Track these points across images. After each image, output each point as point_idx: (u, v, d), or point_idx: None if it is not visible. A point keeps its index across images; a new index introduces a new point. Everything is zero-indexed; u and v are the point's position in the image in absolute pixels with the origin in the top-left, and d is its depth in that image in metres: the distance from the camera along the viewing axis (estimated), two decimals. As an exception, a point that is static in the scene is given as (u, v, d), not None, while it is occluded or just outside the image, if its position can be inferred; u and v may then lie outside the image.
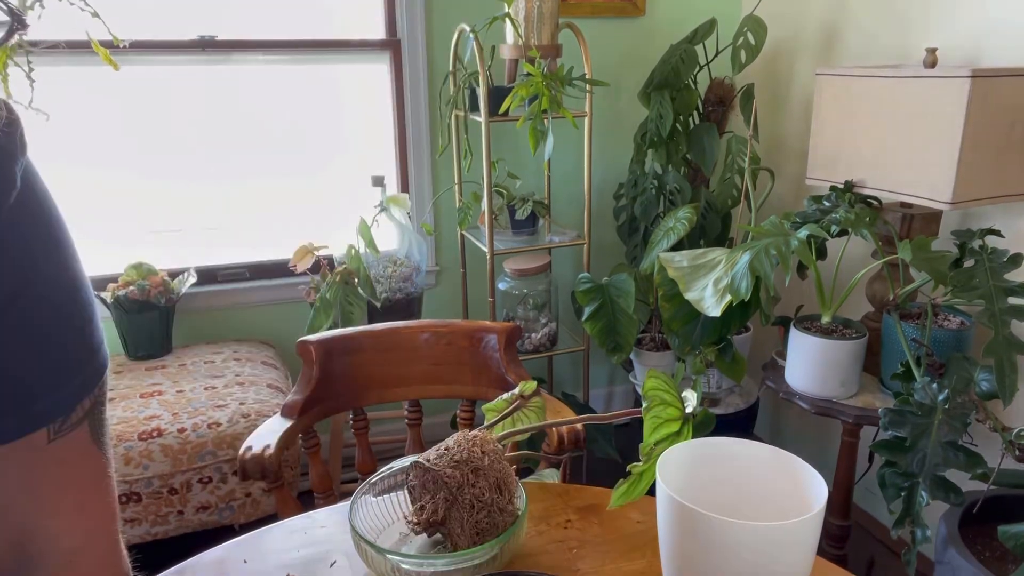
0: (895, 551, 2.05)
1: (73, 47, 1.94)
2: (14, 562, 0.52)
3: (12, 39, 0.50)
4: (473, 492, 0.74)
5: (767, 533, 0.60)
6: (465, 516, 0.74)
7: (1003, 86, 1.42)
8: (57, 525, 0.52)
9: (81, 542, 0.54)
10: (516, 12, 1.90)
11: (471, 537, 0.74)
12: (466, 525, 0.74)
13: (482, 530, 0.74)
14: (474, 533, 0.74)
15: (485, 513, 0.74)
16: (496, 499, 0.75)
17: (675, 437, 0.77)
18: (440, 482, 0.75)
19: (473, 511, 0.74)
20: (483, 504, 0.74)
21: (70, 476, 0.52)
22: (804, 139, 2.28)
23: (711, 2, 2.46)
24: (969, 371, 1.34)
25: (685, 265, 1.57)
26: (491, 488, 0.75)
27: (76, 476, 0.53)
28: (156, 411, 1.80)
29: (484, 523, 0.74)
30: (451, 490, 0.74)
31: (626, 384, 2.75)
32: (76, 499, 0.53)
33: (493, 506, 0.75)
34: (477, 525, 0.74)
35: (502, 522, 0.75)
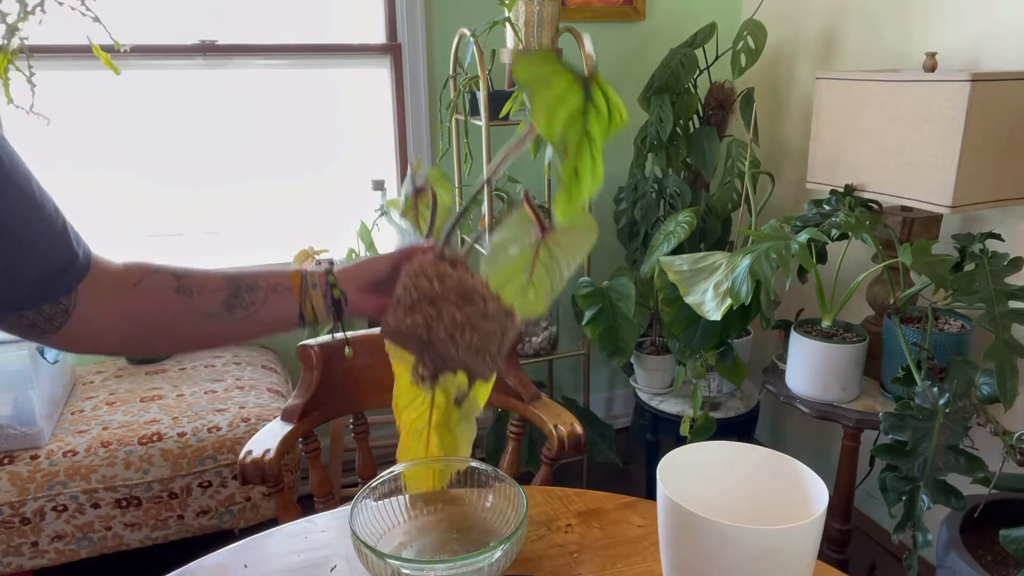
0: (896, 555, 2.05)
1: (74, 52, 1.94)
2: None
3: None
4: (443, 324, 0.69)
5: (768, 537, 0.60)
6: (453, 350, 0.70)
7: (1003, 90, 1.42)
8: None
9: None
10: (516, 16, 1.90)
11: (477, 362, 0.71)
12: (462, 356, 0.70)
13: (481, 348, 0.71)
14: (475, 355, 0.71)
15: (469, 333, 0.70)
16: (471, 311, 0.70)
17: (580, 117, 0.62)
18: (409, 336, 0.70)
19: (456, 341, 0.70)
20: (460, 326, 0.70)
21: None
22: (804, 143, 2.28)
23: (711, 6, 2.47)
24: (970, 375, 1.34)
25: (685, 269, 1.57)
26: (458, 307, 0.69)
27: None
28: (156, 415, 1.80)
29: (476, 342, 0.71)
30: (422, 338, 0.70)
31: (627, 388, 2.75)
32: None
33: (472, 321, 0.70)
34: (471, 348, 0.70)
35: (495, 328, 0.71)
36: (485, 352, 0.70)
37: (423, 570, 0.72)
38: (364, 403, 1.33)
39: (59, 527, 1.66)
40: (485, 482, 0.86)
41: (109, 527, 1.70)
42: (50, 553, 1.68)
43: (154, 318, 0.71)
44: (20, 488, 1.62)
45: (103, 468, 1.67)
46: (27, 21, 1.41)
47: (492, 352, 0.70)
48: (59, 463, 1.65)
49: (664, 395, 2.20)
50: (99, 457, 1.67)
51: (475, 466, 0.86)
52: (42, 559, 1.68)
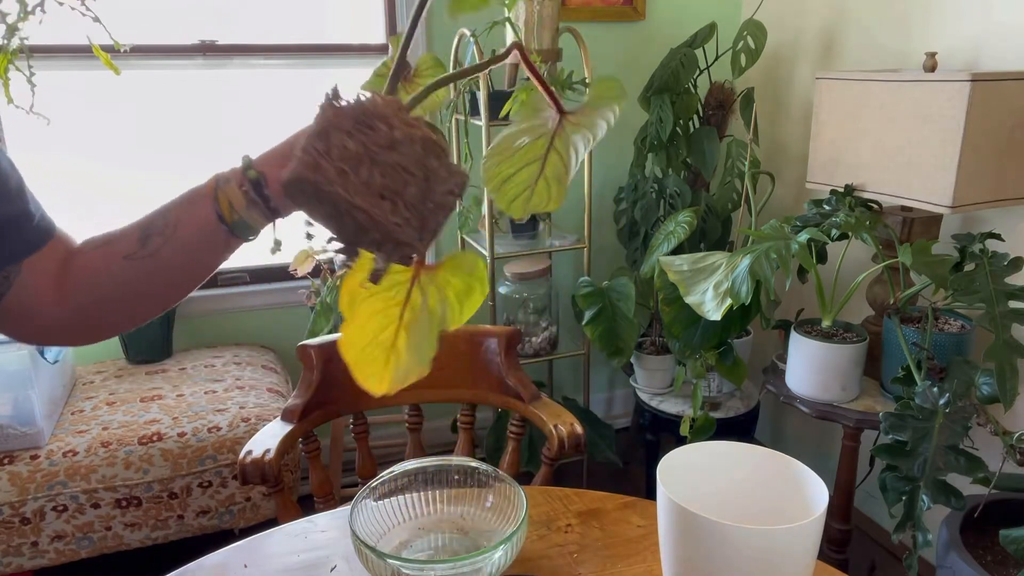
0: (896, 555, 2.05)
1: (74, 52, 1.94)
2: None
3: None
4: (369, 171, 0.52)
5: (768, 537, 0.60)
6: (377, 209, 0.52)
7: (1003, 90, 1.42)
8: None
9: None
10: (516, 16, 1.90)
11: (407, 230, 0.54)
12: (389, 218, 0.53)
13: (417, 210, 0.53)
14: (406, 220, 0.53)
15: (406, 187, 0.53)
16: (409, 159, 0.52)
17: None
18: (317, 183, 0.51)
19: (384, 195, 0.53)
20: (394, 177, 0.53)
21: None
22: (804, 143, 2.28)
23: (711, 6, 2.47)
24: (970, 375, 1.34)
25: (685, 269, 1.57)
26: (396, 151, 0.52)
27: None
28: (156, 415, 1.80)
29: (413, 198, 0.53)
30: (335, 187, 0.52)
31: (627, 388, 2.75)
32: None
33: (411, 172, 0.53)
34: (406, 207, 0.53)
35: (440, 188, 0.54)
36: (420, 218, 0.53)
37: (423, 570, 0.72)
38: (364, 403, 1.33)
39: (59, 527, 1.66)
40: (485, 482, 0.86)
41: (109, 527, 1.70)
42: (50, 553, 1.68)
43: (85, 287, 0.66)
44: (20, 488, 1.62)
45: (103, 468, 1.67)
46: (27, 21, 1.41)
47: (429, 221, 0.53)
48: (59, 463, 1.65)
49: (664, 395, 2.20)
50: (99, 457, 1.67)
51: (475, 466, 0.86)
52: (42, 559, 1.68)
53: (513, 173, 0.57)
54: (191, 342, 2.24)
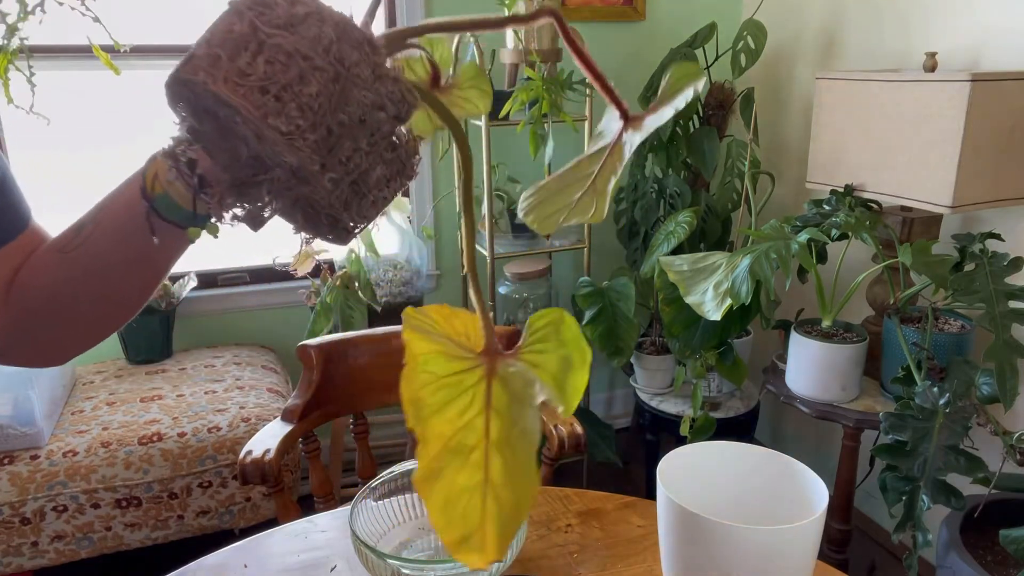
0: (896, 555, 2.05)
1: (74, 52, 1.94)
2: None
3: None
4: (306, 96, 0.37)
5: (768, 537, 0.60)
6: (314, 156, 0.37)
7: (1003, 90, 1.42)
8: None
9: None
10: (516, 16, 1.90)
11: (308, 139, 0.38)
12: (328, 175, 0.38)
13: (336, 128, 0.38)
14: (302, 130, 0.37)
15: (358, 136, 0.39)
16: (296, 43, 0.38)
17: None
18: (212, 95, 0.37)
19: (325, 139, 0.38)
20: (341, 114, 0.38)
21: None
22: (804, 143, 2.28)
23: (711, 6, 2.47)
24: (970, 375, 1.34)
25: (685, 269, 1.57)
26: (353, 86, 0.38)
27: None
28: (156, 415, 1.80)
29: (323, 110, 0.38)
30: (204, 101, 0.39)
31: (627, 388, 2.75)
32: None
33: (364, 119, 0.39)
34: (310, 112, 0.37)
35: (362, 95, 0.39)
36: (324, 132, 0.38)
37: (423, 570, 0.72)
38: (364, 403, 1.33)
39: (59, 527, 1.66)
40: (485, 482, 0.86)
41: (109, 527, 1.70)
42: (50, 553, 1.68)
43: (20, 293, 0.58)
44: (20, 488, 1.62)
45: (103, 468, 1.67)
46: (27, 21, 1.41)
47: (342, 142, 0.38)
48: (59, 463, 1.65)
49: (664, 395, 2.20)
50: (99, 457, 1.67)
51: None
52: (42, 559, 1.68)
53: (555, 192, 0.43)
54: (191, 342, 2.24)
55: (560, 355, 0.42)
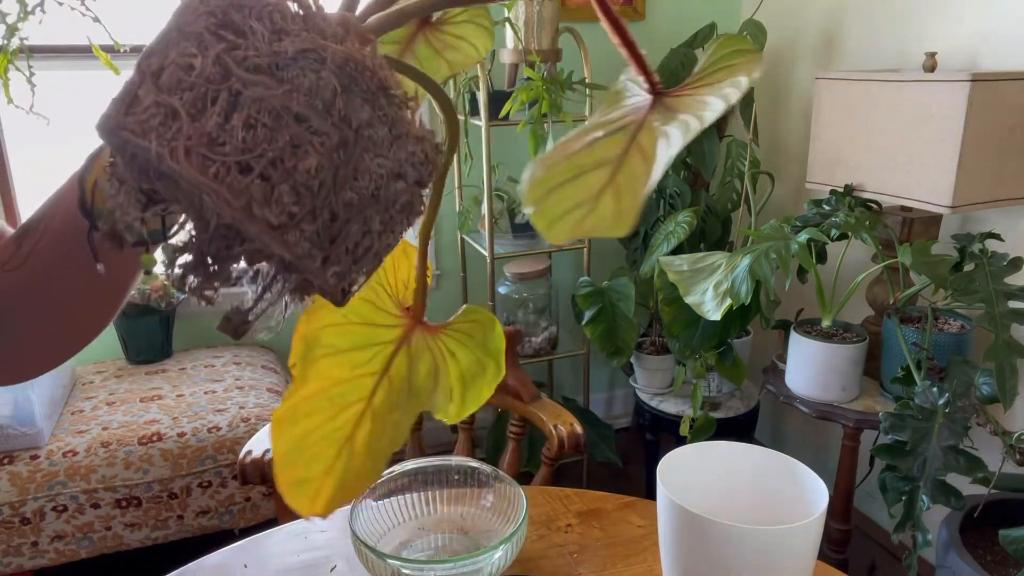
0: (896, 555, 2.05)
1: (74, 52, 1.94)
2: None
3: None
4: (268, 130, 0.27)
5: (768, 537, 0.60)
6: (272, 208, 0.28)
7: (1003, 90, 1.42)
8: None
9: None
10: (516, 17, 1.90)
11: (305, 230, 0.28)
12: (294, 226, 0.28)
13: (340, 209, 0.29)
14: (297, 219, 0.28)
15: (335, 169, 0.28)
16: (284, 98, 0.28)
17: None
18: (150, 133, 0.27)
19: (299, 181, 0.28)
20: (314, 147, 0.28)
21: None
22: (804, 143, 2.28)
23: (711, 6, 2.47)
24: (969, 375, 1.34)
25: (685, 269, 1.57)
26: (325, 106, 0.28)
27: None
28: (156, 415, 1.80)
29: (325, 189, 0.28)
30: (159, 174, 0.28)
31: (627, 388, 2.75)
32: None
33: (297, 131, 0.28)
34: (309, 195, 0.28)
35: (377, 163, 0.30)
36: (327, 216, 0.29)
37: (423, 570, 0.72)
38: (364, 403, 1.33)
39: (59, 527, 1.66)
40: (485, 482, 0.86)
41: (109, 527, 1.70)
42: (50, 553, 1.68)
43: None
44: (20, 488, 1.62)
45: (103, 468, 1.67)
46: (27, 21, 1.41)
47: (348, 227, 0.29)
48: (59, 463, 1.65)
49: (664, 395, 2.20)
50: (99, 457, 1.67)
51: (475, 466, 0.86)
52: (42, 559, 1.68)
53: (568, 179, 0.34)
54: (191, 342, 2.24)
55: (476, 357, 0.39)
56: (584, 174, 0.34)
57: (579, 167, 0.35)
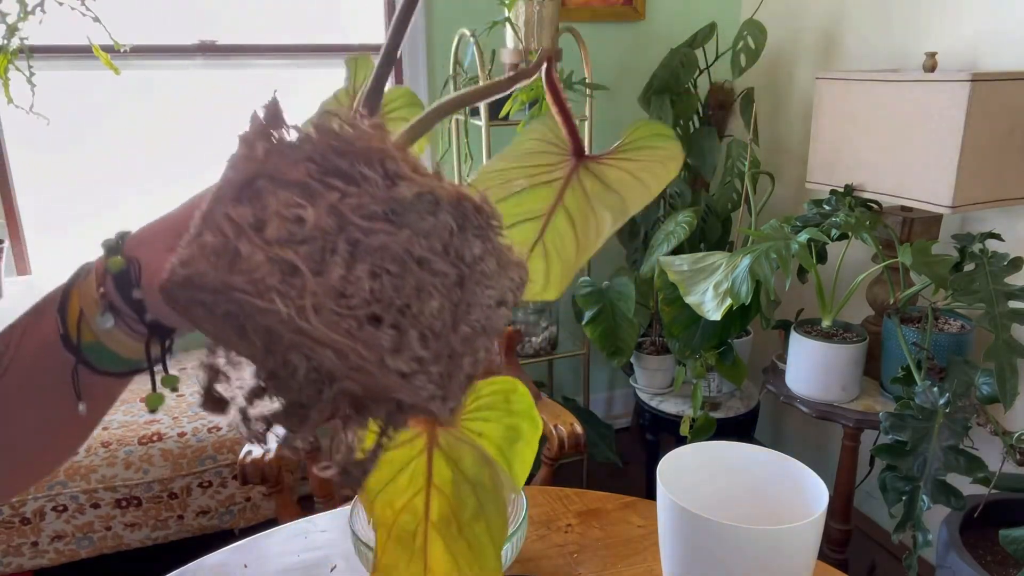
0: (896, 555, 2.05)
1: (74, 52, 1.94)
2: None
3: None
4: (358, 272, 0.26)
5: (768, 537, 0.60)
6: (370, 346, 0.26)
7: (1003, 90, 1.42)
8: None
9: None
10: (516, 17, 1.90)
11: (431, 371, 0.28)
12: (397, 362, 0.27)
13: (458, 345, 0.29)
14: (425, 363, 0.27)
15: (434, 299, 0.28)
16: (408, 243, 0.27)
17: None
18: (235, 293, 0.26)
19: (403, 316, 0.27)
20: (409, 282, 0.27)
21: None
22: (804, 143, 2.28)
23: (711, 6, 2.47)
24: (970, 375, 1.34)
25: (685, 269, 1.57)
26: (404, 229, 0.28)
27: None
28: (156, 415, 1.80)
29: (447, 329, 0.28)
30: (274, 333, 0.26)
31: (627, 388, 2.75)
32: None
33: (422, 277, 0.27)
34: (434, 339, 0.28)
35: (485, 295, 0.29)
36: (448, 356, 0.28)
37: (423, 570, 0.71)
38: (364, 403, 1.33)
39: (59, 527, 1.66)
40: (485, 482, 0.86)
41: (109, 527, 1.70)
42: (50, 553, 1.68)
43: None
44: (20, 488, 1.62)
45: (103, 468, 1.67)
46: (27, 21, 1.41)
47: (462, 361, 0.29)
48: (59, 463, 1.65)
49: (664, 395, 2.20)
50: (99, 457, 1.67)
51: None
52: (42, 559, 1.68)
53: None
54: (191, 342, 2.24)
55: (506, 424, 0.37)
56: (512, 227, 0.35)
57: (506, 217, 0.34)
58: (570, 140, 0.37)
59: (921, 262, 1.40)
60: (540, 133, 0.39)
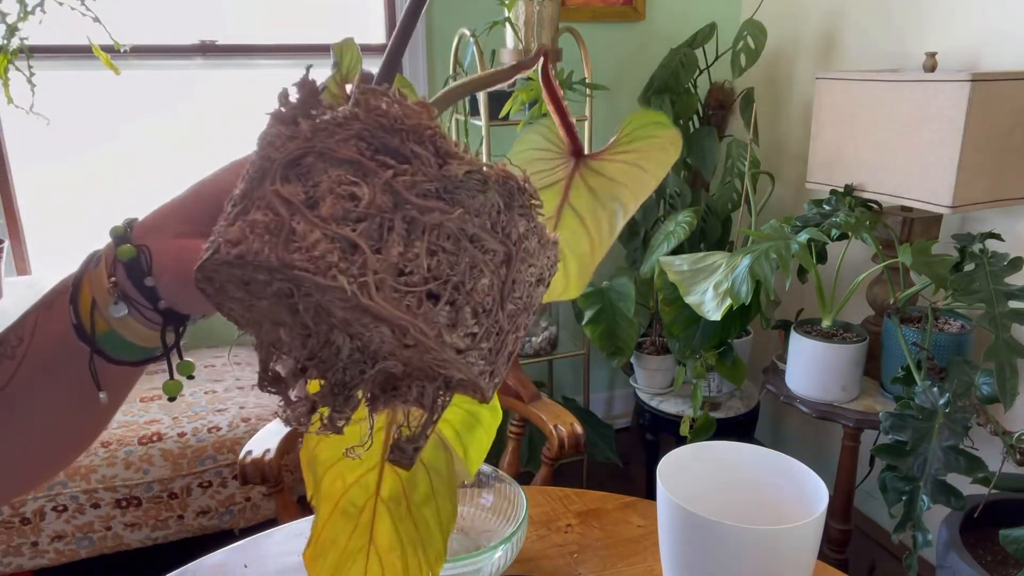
0: (896, 555, 2.05)
1: (74, 52, 1.94)
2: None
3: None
4: (394, 250, 0.27)
5: (768, 537, 0.60)
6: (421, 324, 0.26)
7: (1003, 89, 1.42)
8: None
9: None
10: (516, 16, 1.90)
11: (482, 347, 0.28)
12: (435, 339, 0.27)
13: (505, 322, 0.29)
14: (478, 339, 0.28)
15: (479, 277, 0.28)
16: (461, 222, 0.28)
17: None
18: (266, 277, 0.26)
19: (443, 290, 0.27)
20: (454, 259, 0.27)
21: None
22: (804, 143, 2.28)
23: (711, 6, 2.47)
24: (970, 375, 1.34)
25: (685, 269, 1.57)
26: (443, 210, 0.27)
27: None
28: (156, 415, 1.80)
29: (496, 305, 0.28)
30: (333, 311, 0.27)
31: (627, 388, 2.75)
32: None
33: (474, 254, 0.28)
34: (485, 316, 0.28)
35: (527, 271, 0.30)
36: (496, 332, 0.29)
37: (423, 570, 0.71)
38: (364, 403, 1.33)
39: (59, 527, 1.66)
40: (485, 482, 0.86)
41: (109, 527, 1.70)
42: (50, 553, 1.68)
43: None
44: (20, 488, 1.62)
45: (103, 468, 1.67)
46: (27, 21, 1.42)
47: (508, 338, 0.29)
48: (59, 463, 1.65)
49: (664, 395, 2.20)
50: (99, 457, 1.67)
51: (475, 466, 0.86)
52: (42, 559, 1.68)
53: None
54: (191, 342, 2.24)
55: (466, 410, 0.38)
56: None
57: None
58: (568, 140, 0.38)
59: (921, 262, 1.40)
60: (537, 139, 0.39)
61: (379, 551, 0.33)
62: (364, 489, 0.33)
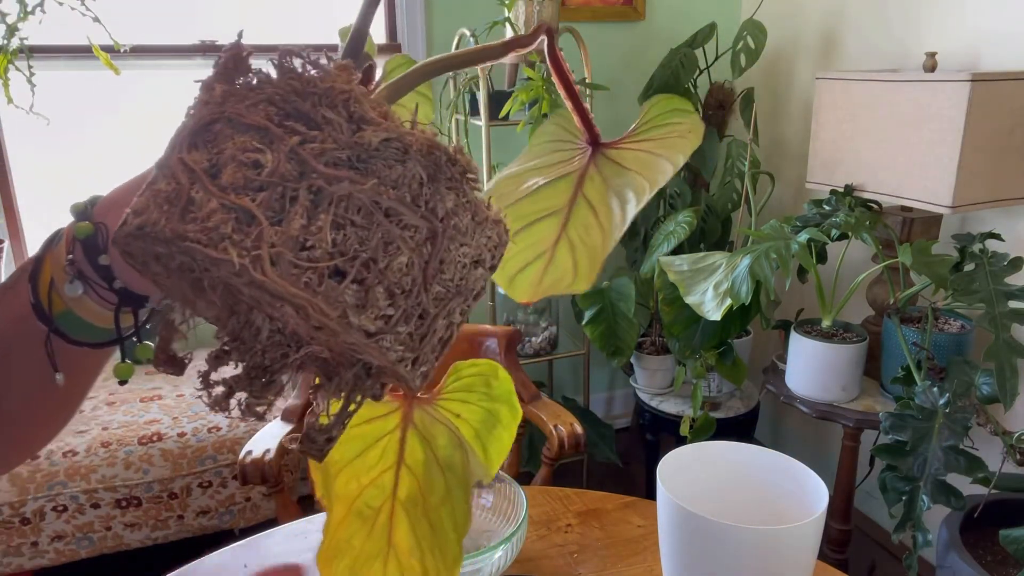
0: (896, 555, 2.05)
1: (74, 52, 1.94)
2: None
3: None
4: (319, 223, 0.25)
5: (768, 537, 0.60)
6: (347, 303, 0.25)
7: (1003, 89, 1.42)
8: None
9: None
10: (516, 16, 1.90)
11: (400, 332, 0.26)
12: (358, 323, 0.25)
13: (429, 305, 0.26)
14: (393, 322, 0.25)
15: (404, 257, 0.26)
16: (373, 193, 0.25)
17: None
18: (188, 245, 0.24)
19: (370, 271, 0.25)
20: (374, 238, 0.25)
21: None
22: (804, 143, 2.28)
23: (711, 6, 2.47)
24: (970, 375, 1.34)
25: (685, 269, 1.57)
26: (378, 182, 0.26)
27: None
28: (156, 415, 1.80)
29: (416, 287, 0.26)
30: (232, 287, 0.25)
31: (627, 388, 2.75)
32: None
33: (389, 229, 0.25)
34: (402, 297, 0.26)
35: (460, 252, 0.27)
36: (417, 316, 0.26)
37: (423, 570, 0.71)
38: (364, 403, 1.33)
39: (59, 527, 1.66)
40: (485, 482, 0.86)
41: (109, 527, 1.70)
42: (50, 553, 1.68)
43: None
44: (20, 488, 1.62)
45: (103, 468, 1.67)
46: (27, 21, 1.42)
47: (434, 324, 0.27)
48: (59, 463, 1.65)
49: (664, 395, 2.20)
50: (99, 457, 1.67)
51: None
52: (42, 559, 1.68)
53: (517, 231, 0.33)
54: (191, 342, 2.24)
55: (485, 408, 0.37)
56: (533, 224, 0.33)
57: (524, 216, 0.33)
58: (584, 129, 0.36)
59: (921, 262, 1.40)
60: (555, 129, 0.38)
61: (398, 554, 0.32)
62: (380, 490, 0.33)
